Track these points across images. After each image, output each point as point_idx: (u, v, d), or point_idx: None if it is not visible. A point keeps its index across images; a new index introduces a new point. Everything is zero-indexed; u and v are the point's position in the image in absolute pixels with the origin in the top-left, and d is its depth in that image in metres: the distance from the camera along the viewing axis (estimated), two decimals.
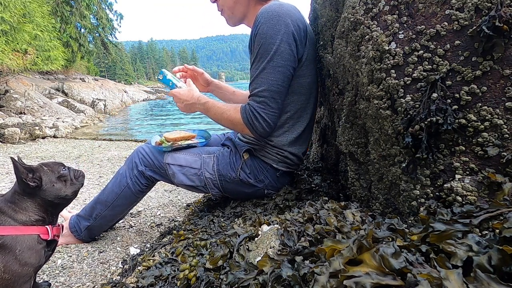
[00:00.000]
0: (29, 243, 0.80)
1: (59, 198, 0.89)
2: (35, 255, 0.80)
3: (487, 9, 0.59)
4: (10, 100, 7.34)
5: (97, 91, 13.98)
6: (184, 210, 1.90)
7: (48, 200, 0.86)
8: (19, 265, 0.77)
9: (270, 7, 1.10)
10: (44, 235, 0.84)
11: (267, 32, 1.07)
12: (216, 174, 1.28)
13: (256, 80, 1.11)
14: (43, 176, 0.85)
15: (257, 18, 1.11)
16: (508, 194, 0.55)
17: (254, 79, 1.12)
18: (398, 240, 0.50)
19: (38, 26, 9.12)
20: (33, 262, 0.80)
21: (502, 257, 0.39)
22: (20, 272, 0.77)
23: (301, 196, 1.24)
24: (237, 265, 0.67)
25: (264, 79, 1.09)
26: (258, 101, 1.10)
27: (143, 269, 0.98)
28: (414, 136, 0.69)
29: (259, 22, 1.09)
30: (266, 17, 1.08)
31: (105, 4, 19.71)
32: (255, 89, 1.11)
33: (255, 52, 1.11)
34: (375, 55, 0.75)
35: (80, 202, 1.96)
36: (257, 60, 1.11)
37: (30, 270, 0.79)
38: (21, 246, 0.78)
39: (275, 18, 1.07)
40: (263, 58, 1.09)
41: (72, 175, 0.95)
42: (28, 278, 0.80)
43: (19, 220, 0.80)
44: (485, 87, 0.61)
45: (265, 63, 1.09)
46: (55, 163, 0.93)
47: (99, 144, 4.72)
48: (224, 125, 1.23)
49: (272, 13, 1.08)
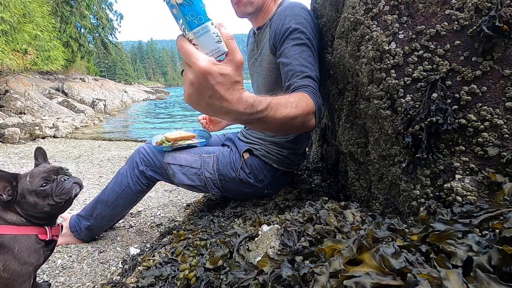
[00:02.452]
0: (28, 242, 0.80)
1: (38, 213, 0.83)
2: (34, 255, 0.81)
3: (487, 9, 0.59)
4: (10, 100, 7.33)
5: (97, 91, 13.98)
6: (184, 210, 1.90)
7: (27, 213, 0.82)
8: (18, 264, 0.77)
9: (292, 2, 1.15)
10: (42, 235, 0.84)
11: (302, 20, 1.06)
12: (216, 174, 1.28)
13: (306, 70, 0.99)
14: (20, 188, 0.81)
15: (280, 9, 1.14)
16: (508, 194, 0.55)
17: (301, 60, 1.01)
18: (398, 240, 0.50)
19: (38, 26, 9.12)
20: (32, 261, 0.80)
21: (502, 257, 0.39)
22: (19, 271, 0.77)
23: (301, 196, 1.24)
24: (237, 265, 0.67)
25: (311, 63, 1.02)
26: (314, 86, 0.97)
27: (143, 269, 0.98)
28: (414, 136, 0.69)
29: (287, 8, 1.11)
30: (296, 7, 1.11)
31: (105, 4, 19.71)
32: (307, 70, 0.99)
33: (287, 34, 1.04)
34: (375, 55, 0.75)
35: (80, 202, 1.96)
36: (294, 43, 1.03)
37: (30, 269, 0.80)
38: (19, 245, 0.78)
39: (303, 10, 1.11)
40: (304, 46, 1.03)
41: (54, 190, 0.85)
42: (28, 277, 0.80)
43: (9, 220, 0.80)
44: (485, 87, 0.61)
45: (305, 52, 1.03)
46: (46, 170, 0.87)
47: (99, 144, 4.72)
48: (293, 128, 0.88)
49: (297, 4, 1.13)
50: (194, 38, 0.53)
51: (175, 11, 0.51)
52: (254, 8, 1.21)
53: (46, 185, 0.84)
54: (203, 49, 0.54)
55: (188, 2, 0.51)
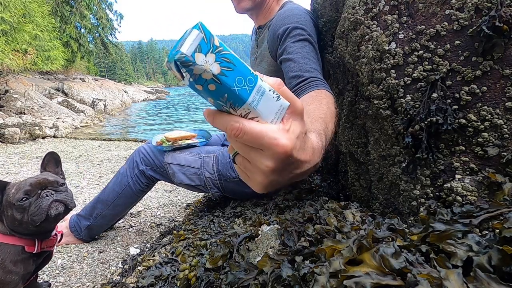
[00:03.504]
0: (13, 252, 0.77)
1: (15, 227, 0.78)
2: (20, 264, 0.78)
3: (487, 9, 0.59)
4: (10, 100, 7.34)
5: (97, 91, 13.98)
6: (184, 210, 1.90)
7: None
8: (2, 273, 0.75)
9: (295, 5, 1.15)
10: (28, 247, 0.80)
11: (301, 19, 1.06)
12: (215, 174, 1.28)
13: (309, 63, 0.97)
14: (4, 199, 0.78)
15: (282, 11, 1.13)
16: (508, 194, 0.55)
17: (304, 54, 0.99)
18: (398, 240, 0.50)
19: (38, 26, 9.12)
20: (17, 270, 0.77)
21: (502, 257, 0.39)
22: (3, 279, 0.75)
23: (301, 196, 1.24)
24: (237, 265, 0.67)
25: (313, 57, 1.00)
26: (323, 79, 0.95)
27: (143, 269, 0.98)
28: (414, 136, 0.69)
29: (288, 9, 1.11)
30: (293, 8, 1.11)
31: (105, 4, 19.72)
32: (314, 69, 0.96)
33: (287, 33, 1.03)
34: (375, 55, 0.75)
35: (80, 202, 1.96)
36: (295, 40, 1.02)
37: (15, 278, 0.77)
38: (3, 255, 0.76)
39: (303, 11, 1.11)
40: (306, 42, 1.02)
41: (31, 208, 0.77)
42: (14, 285, 0.77)
43: None
44: (485, 87, 0.61)
45: (307, 47, 1.01)
46: (28, 185, 0.79)
47: (99, 144, 4.72)
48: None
49: (298, 7, 1.13)
50: (252, 110, 0.36)
51: (212, 87, 0.33)
52: (253, 3, 1.19)
53: (25, 199, 0.77)
54: (267, 118, 0.37)
55: (228, 66, 0.33)
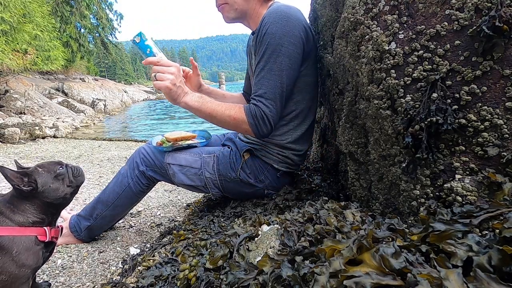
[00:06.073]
0: (26, 244, 0.79)
1: (59, 198, 0.87)
2: (32, 257, 0.80)
3: (487, 9, 0.59)
4: (10, 100, 7.34)
5: (97, 91, 13.99)
6: (184, 210, 1.90)
7: (47, 202, 0.85)
8: (16, 267, 0.76)
9: (279, 8, 1.09)
10: (41, 236, 0.83)
11: (276, 32, 1.05)
12: (216, 174, 1.28)
13: (262, 81, 1.09)
14: (38, 178, 0.84)
15: (265, 17, 1.09)
16: (508, 194, 0.55)
17: (260, 79, 1.09)
18: (398, 240, 0.50)
19: (38, 26, 9.11)
20: (30, 263, 0.79)
21: (502, 257, 0.39)
22: (17, 273, 0.76)
23: (301, 196, 1.24)
24: (237, 265, 0.67)
25: (271, 81, 1.07)
26: (264, 103, 1.08)
27: (143, 269, 0.98)
28: (414, 136, 0.69)
29: (268, 22, 1.07)
30: (275, 17, 1.07)
31: (105, 4, 19.70)
32: (259, 89, 1.09)
33: (261, 51, 1.09)
34: (375, 55, 0.75)
35: (80, 202, 1.96)
36: (263, 60, 1.09)
37: (28, 272, 0.79)
38: (18, 247, 0.77)
39: (284, 19, 1.06)
40: (271, 58, 1.07)
41: (70, 173, 0.92)
42: (26, 279, 0.79)
43: (16, 221, 0.80)
44: (485, 87, 0.61)
45: (271, 64, 1.07)
46: (52, 162, 0.91)
47: (99, 144, 4.71)
48: (223, 124, 1.16)
49: (281, 14, 1.07)
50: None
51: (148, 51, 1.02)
52: (237, 13, 1.21)
53: (62, 168, 0.90)
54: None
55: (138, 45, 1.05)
